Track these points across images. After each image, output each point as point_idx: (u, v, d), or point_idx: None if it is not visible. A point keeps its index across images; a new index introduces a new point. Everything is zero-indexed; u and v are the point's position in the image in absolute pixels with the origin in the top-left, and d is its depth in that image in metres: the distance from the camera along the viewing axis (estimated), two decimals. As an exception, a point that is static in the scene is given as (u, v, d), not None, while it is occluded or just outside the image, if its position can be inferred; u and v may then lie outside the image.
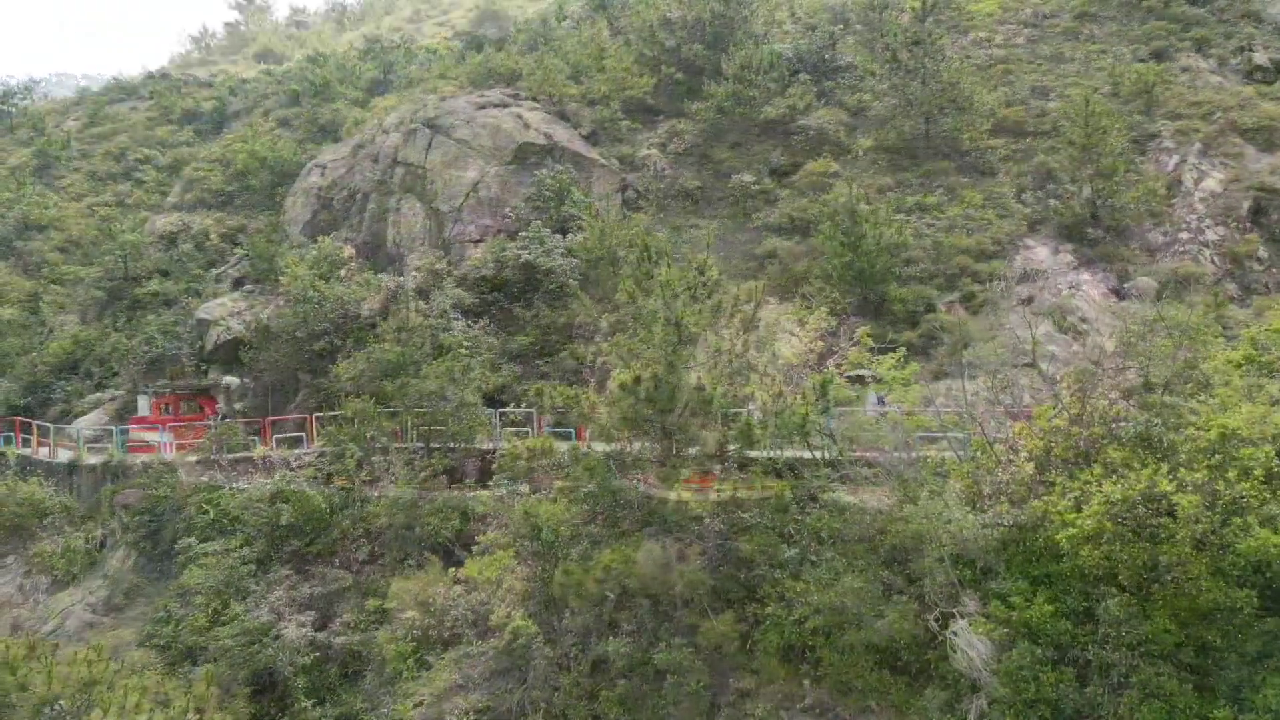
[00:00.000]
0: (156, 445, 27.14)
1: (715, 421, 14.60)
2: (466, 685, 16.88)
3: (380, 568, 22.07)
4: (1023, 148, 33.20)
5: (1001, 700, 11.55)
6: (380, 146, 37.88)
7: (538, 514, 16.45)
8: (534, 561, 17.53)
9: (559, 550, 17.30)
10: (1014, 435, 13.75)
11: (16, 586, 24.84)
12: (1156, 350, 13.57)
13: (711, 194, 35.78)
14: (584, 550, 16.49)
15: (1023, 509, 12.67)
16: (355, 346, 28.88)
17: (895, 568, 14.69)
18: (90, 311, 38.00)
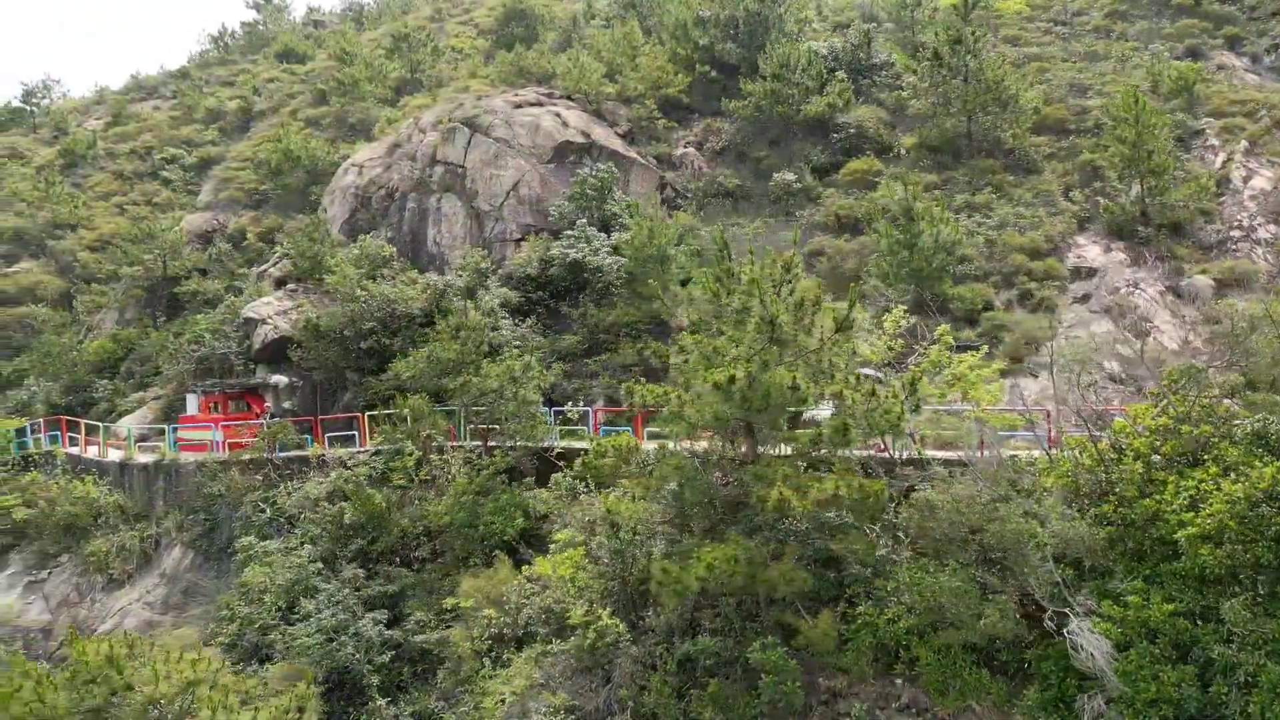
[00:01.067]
0: (209, 444, 27.12)
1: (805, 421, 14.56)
2: (548, 683, 16.84)
3: (441, 566, 22.09)
4: (1066, 145, 33.11)
5: (1120, 700, 11.49)
6: (417, 146, 37.85)
7: (619, 512, 16.41)
8: (611, 560, 17.50)
9: (637, 548, 17.31)
10: (1114, 434, 13.69)
11: (73, 585, 24.87)
12: (1261, 347, 13.48)
13: (751, 192, 35.72)
14: (664, 549, 16.47)
15: (1133, 508, 12.60)
16: (404, 345, 28.91)
17: (987, 566, 14.64)
18: (128, 310, 38.04)
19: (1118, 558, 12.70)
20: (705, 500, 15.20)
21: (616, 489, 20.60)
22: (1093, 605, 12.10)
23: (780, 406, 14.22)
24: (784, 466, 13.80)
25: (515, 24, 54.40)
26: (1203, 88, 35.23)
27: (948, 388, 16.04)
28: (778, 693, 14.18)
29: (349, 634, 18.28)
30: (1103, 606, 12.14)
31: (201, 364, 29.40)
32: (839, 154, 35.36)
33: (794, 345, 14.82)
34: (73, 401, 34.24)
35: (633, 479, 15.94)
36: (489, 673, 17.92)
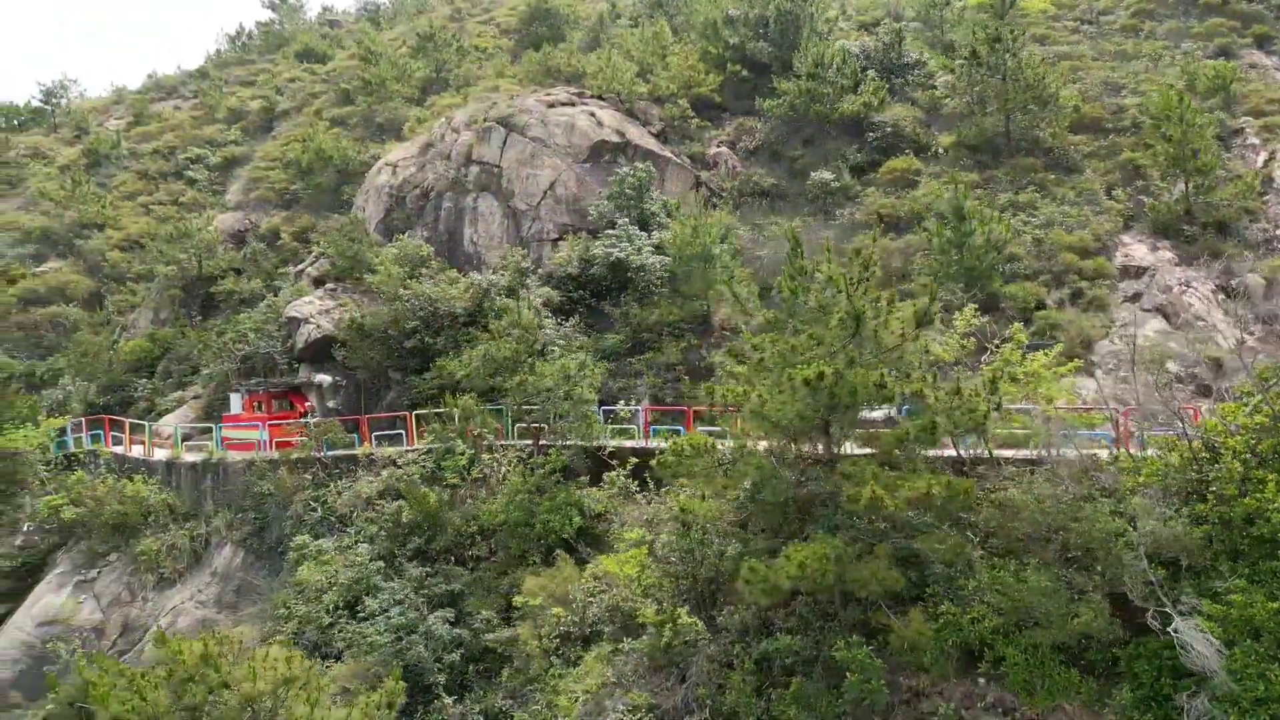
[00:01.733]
0: (256, 443, 27.15)
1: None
2: (620, 682, 16.84)
3: (496, 564, 22.09)
4: (1105, 144, 33.05)
5: (1225, 698, 11.47)
6: (451, 145, 37.85)
7: (693, 511, 16.41)
8: (682, 559, 17.50)
9: (708, 548, 17.31)
10: (1207, 433, 13.66)
11: (123, 585, 24.90)
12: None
13: (787, 191, 35.68)
14: (739, 549, 16.46)
15: (1232, 506, 12.58)
16: (447, 345, 28.94)
17: (1070, 565, 14.61)
18: (163, 310, 38.09)
19: (1215, 556, 12.68)
20: (782, 499, 15.17)
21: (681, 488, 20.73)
22: (1196, 604, 12.07)
23: (865, 404, 14.18)
24: (871, 465, 13.76)
25: (539, 24, 54.40)
26: (1239, 86, 35.17)
27: (1027, 387, 15.98)
28: (863, 691, 14.16)
29: (419, 632, 18.25)
30: (1205, 605, 12.10)
31: (245, 363, 29.43)
32: (875, 153, 35.30)
33: (874, 342, 14.80)
34: (110, 401, 34.30)
35: (703, 478, 15.88)
36: (558, 671, 17.92)
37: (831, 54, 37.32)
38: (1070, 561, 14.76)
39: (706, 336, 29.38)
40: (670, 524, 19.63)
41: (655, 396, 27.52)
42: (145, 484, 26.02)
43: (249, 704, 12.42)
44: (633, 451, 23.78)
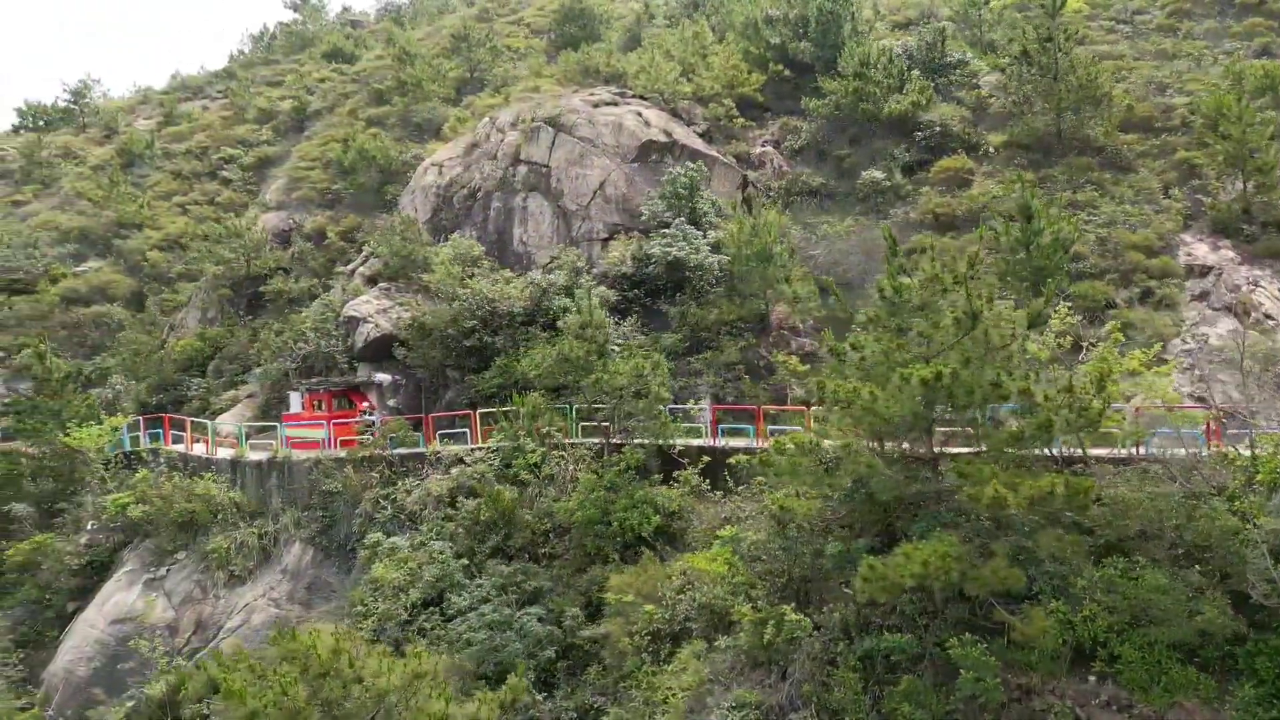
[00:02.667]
0: (320, 441, 27.28)
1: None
2: (717, 679, 16.92)
3: (570, 562, 22.18)
4: (1157, 143, 33.03)
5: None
6: (497, 145, 37.95)
7: (793, 509, 16.48)
8: (779, 556, 17.57)
9: (804, 545, 17.38)
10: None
11: (194, 582, 25.04)
12: None
13: (835, 190, 35.76)
14: (841, 547, 16.51)
15: (1359, 504, 12.69)
16: (506, 344, 29.05)
17: (1183, 563, 14.67)
18: (210, 309, 38.25)
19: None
20: (890, 498, 15.23)
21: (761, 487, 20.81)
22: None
23: (979, 403, 14.24)
24: (989, 465, 13.82)
25: (571, 23, 54.47)
26: (1288, 85, 35.08)
27: (1135, 386, 16.05)
28: (977, 689, 14.21)
29: (513, 629, 18.34)
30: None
31: (305, 362, 29.57)
32: (922, 152, 35.35)
33: (983, 342, 14.85)
34: (162, 400, 34.46)
35: (807, 477, 15.94)
36: (649, 668, 18.01)
37: (876, 53, 37.36)
38: (1180, 559, 14.82)
39: (764, 335, 29.44)
40: (756, 522, 19.80)
41: (716, 395, 27.59)
42: (214, 482, 26.11)
43: (381, 699, 12.50)
44: (700, 450, 23.92)
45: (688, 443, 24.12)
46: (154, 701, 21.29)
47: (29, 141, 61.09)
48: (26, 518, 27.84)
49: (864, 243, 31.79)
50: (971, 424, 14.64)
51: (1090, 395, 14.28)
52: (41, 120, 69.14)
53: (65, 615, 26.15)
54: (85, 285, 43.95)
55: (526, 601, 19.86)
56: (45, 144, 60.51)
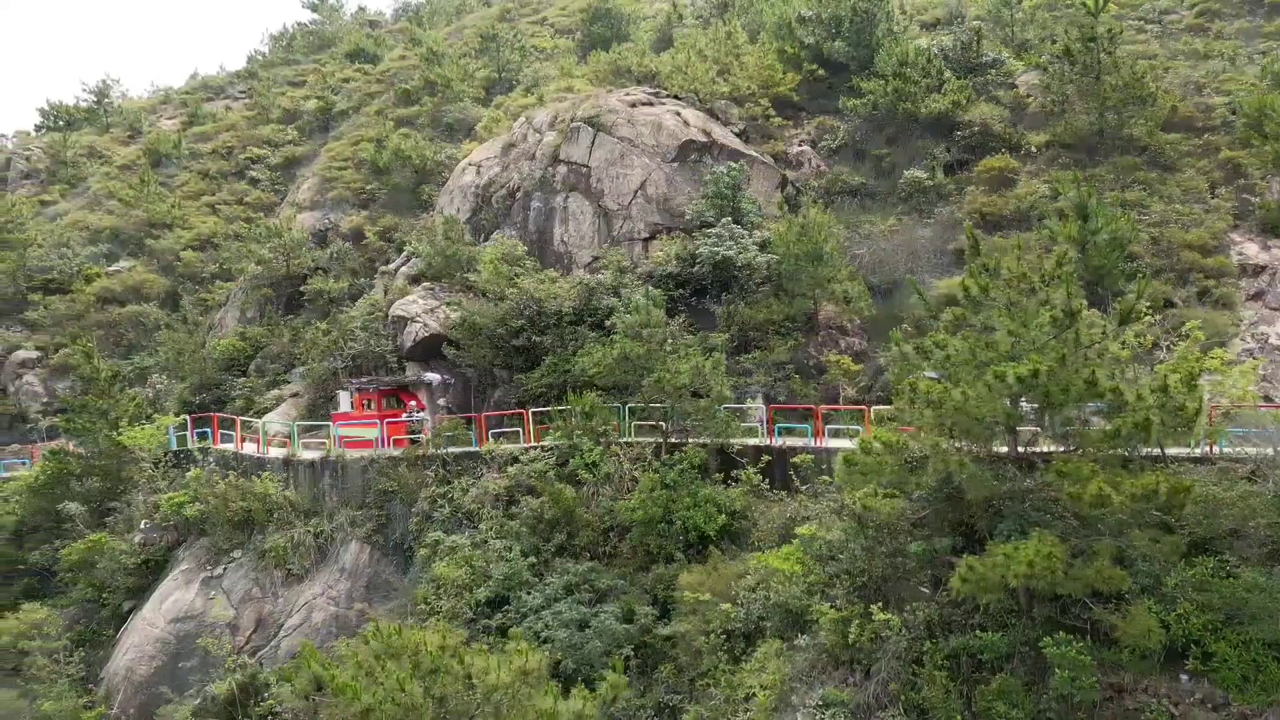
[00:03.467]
0: (373, 441, 27.35)
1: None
2: (799, 678, 16.96)
3: (633, 561, 22.23)
4: (1200, 143, 33.01)
5: None
6: (535, 145, 38.01)
7: (876, 509, 16.51)
8: (859, 556, 17.61)
9: (882, 545, 17.42)
10: None
11: (252, 580, 25.11)
12: None
13: (875, 190, 35.78)
14: (925, 547, 16.55)
15: None
16: (554, 343, 29.11)
17: (1273, 561, 14.71)
18: (249, 309, 38.34)
19: None
20: (981, 497, 15.27)
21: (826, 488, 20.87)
22: None
23: (1074, 402, 14.28)
24: (1089, 464, 13.85)
25: (599, 24, 54.52)
26: (1327, 85, 35.06)
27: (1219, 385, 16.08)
28: (1073, 688, 14.24)
29: (591, 627, 18.40)
30: None
31: (355, 361, 29.66)
32: (962, 152, 35.36)
33: (1075, 340, 14.88)
34: (205, 399, 34.56)
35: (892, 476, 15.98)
36: (725, 666, 18.06)
37: (914, 53, 37.39)
38: (1266, 557, 14.85)
39: (812, 335, 29.50)
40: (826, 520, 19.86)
41: (766, 395, 27.64)
42: (270, 482, 26.18)
43: (489, 695, 12.56)
44: (758, 450, 23.98)
45: (745, 442, 24.20)
46: (221, 699, 21.37)
47: (54, 141, 61.38)
48: (78, 517, 27.93)
49: (908, 242, 31.84)
50: (1067, 422, 14.66)
51: (1183, 395, 14.29)
52: (63, 120, 69.39)
53: (121, 614, 26.24)
54: (119, 285, 44.09)
55: (596, 600, 19.91)
56: (71, 144, 60.68)
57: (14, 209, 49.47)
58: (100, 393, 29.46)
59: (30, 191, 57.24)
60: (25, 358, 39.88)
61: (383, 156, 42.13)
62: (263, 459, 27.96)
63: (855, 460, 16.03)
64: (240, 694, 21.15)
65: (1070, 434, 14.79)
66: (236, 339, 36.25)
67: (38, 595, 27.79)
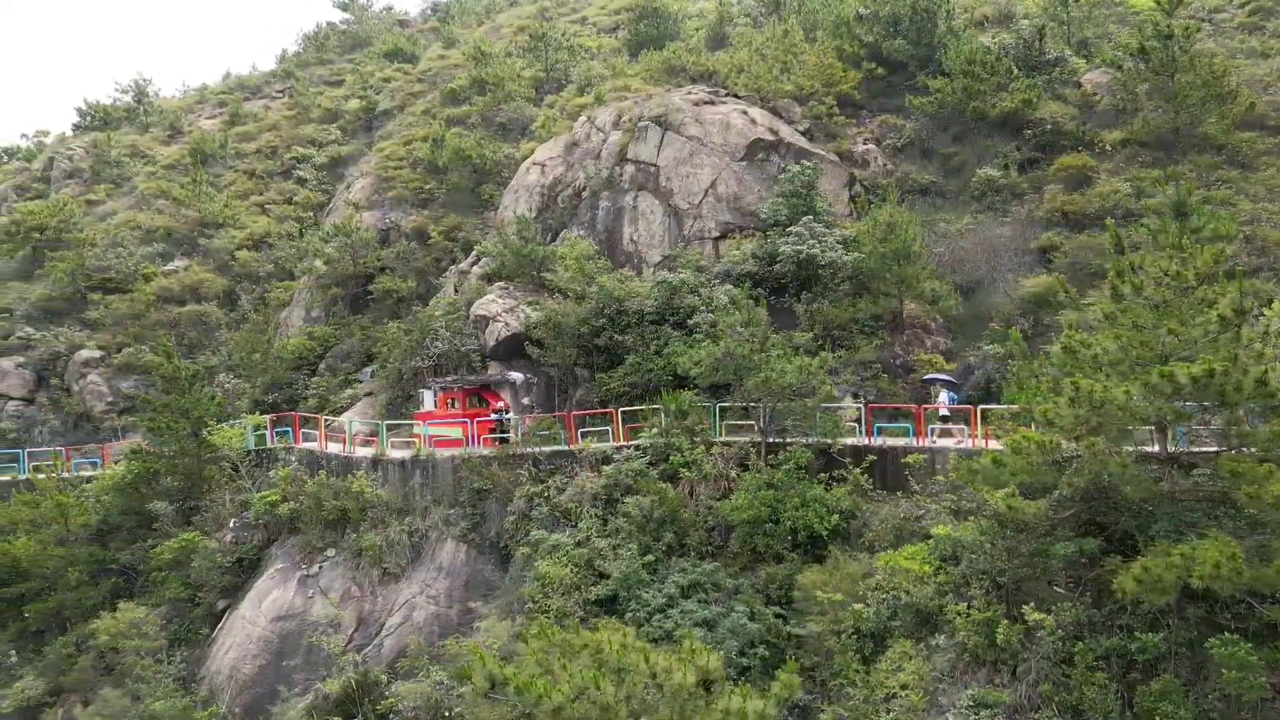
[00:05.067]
0: (461, 439, 27.35)
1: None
2: (940, 678, 16.90)
3: (739, 559, 22.20)
4: (1276, 141, 32.82)
5: None
6: (600, 144, 38.01)
7: (1021, 509, 16.43)
8: (992, 556, 17.54)
9: (1022, 545, 17.34)
10: None
11: (349, 579, 25.12)
12: None
13: (944, 188, 35.68)
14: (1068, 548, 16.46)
15: None
16: (636, 342, 29.08)
17: None
18: (314, 308, 38.37)
19: None
20: (1140, 497, 15.20)
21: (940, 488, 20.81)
22: None
23: (1243, 401, 14.20)
24: (1266, 464, 13.77)
25: (646, 23, 54.43)
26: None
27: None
28: (1240, 687, 14.16)
29: (725, 626, 18.37)
30: None
31: (439, 359, 29.68)
32: (1032, 150, 35.24)
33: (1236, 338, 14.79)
34: (277, 398, 34.60)
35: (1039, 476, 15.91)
36: (857, 666, 18.01)
37: (981, 51, 37.25)
38: None
39: (897, 334, 29.42)
40: (943, 520, 19.83)
41: (854, 394, 27.56)
42: (365, 480, 26.18)
43: (676, 695, 12.53)
44: (861, 449, 23.91)
45: (844, 442, 24.11)
46: (333, 697, 21.39)
47: (97, 141, 61.49)
48: (165, 516, 27.97)
49: (986, 241, 31.73)
50: (1236, 421, 14.58)
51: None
52: (100, 120, 69.55)
53: (215, 613, 26.27)
54: (177, 284, 44.17)
55: (720, 600, 19.87)
56: (114, 143, 60.83)
57: (65, 209, 49.61)
58: (181, 392, 29.48)
59: (75, 191, 57.31)
60: (88, 357, 39.96)
61: (442, 156, 42.12)
62: (350, 458, 27.97)
63: (1004, 460, 15.96)
64: (353, 691, 21.17)
65: (1232, 434, 14.68)
66: (305, 338, 36.28)
67: (123, 594, 27.81)
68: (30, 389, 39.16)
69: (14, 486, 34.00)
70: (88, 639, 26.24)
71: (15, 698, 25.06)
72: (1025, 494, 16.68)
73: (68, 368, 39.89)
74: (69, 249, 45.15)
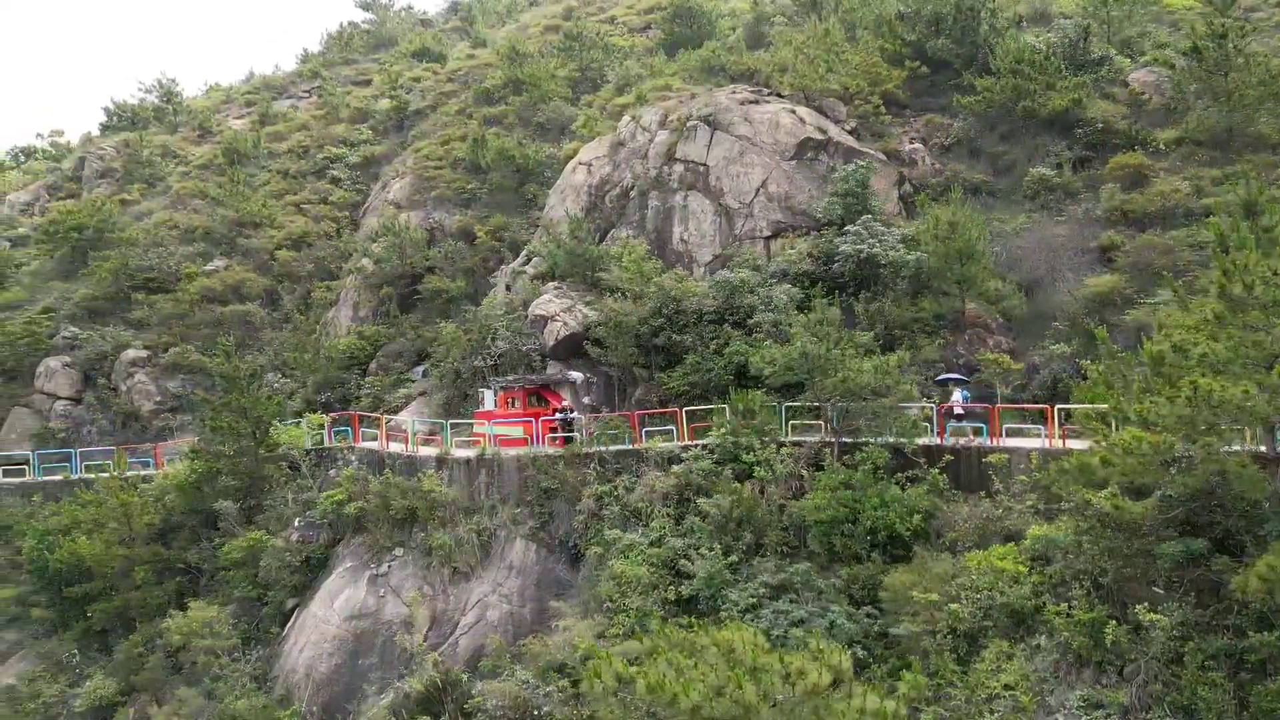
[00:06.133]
0: (524, 438, 27.38)
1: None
2: (1044, 678, 16.89)
3: (818, 559, 22.17)
4: (1333, 140, 32.73)
5: None
6: (646, 144, 38.02)
7: (1127, 510, 16.41)
8: (1093, 556, 17.53)
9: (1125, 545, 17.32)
10: None
11: (420, 578, 25.14)
12: None
13: (995, 187, 35.63)
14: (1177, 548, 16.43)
15: None
16: (695, 341, 29.09)
17: None
18: (362, 308, 38.42)
19: None
20: (1256, 497, 15.18)
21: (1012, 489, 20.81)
22: None
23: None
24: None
25: (680, 23, 54.41)
26: None
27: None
28: (1362, 687, 14.13)
29: (822, 627, 18.37)
30: None
31: (500, 359, 29.71)
32: (1083, 149, 35.16)
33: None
34: (329, 398, 34.66)
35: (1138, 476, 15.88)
36: (954, 667, 17.99)
37: (1030, 50, 37.17)
38: None
39: (958, 333, 29.38)
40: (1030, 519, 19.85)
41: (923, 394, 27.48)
42: (434, 479, 26.19)
43: (811, 695, 12.53)
44: (937, 450, 23.87)
45: (919, 442, 24.05)
46: (415, 696, 21.43)
47: (129, 141, 61.64)
48: (230, 515, 28.03)
49: (1044, 240, 31.66)
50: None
51: None
52: (129, 119, 69.67)
53: (284, 612, 26.32)
54: (219, 284, 44.24)
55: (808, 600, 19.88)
56: (146, 143, 60.96)
57: (104, 208, 49.73)
58: (241, 391, 29.55)
59: (108, 191, 57.48)
60: (135, 356, 40.04)
61: (484, 156, 42.16)
62: (413, 457, 28.00)
63: (1113, 460, 15.93)
64: (436, 691, 21.21)
65: None
66: (355, 338, 36.34)
67: (187, 593, 27.90)
68: (78, 389, 39.27)
69: (67, 486, 34.20)
70: (155, 638, 26.33)
71: (87, 697, 25.16)
72: (1125, 495, 16.69)
73: (114, 367, 39.99)
74: (110, 249, 45.24)
